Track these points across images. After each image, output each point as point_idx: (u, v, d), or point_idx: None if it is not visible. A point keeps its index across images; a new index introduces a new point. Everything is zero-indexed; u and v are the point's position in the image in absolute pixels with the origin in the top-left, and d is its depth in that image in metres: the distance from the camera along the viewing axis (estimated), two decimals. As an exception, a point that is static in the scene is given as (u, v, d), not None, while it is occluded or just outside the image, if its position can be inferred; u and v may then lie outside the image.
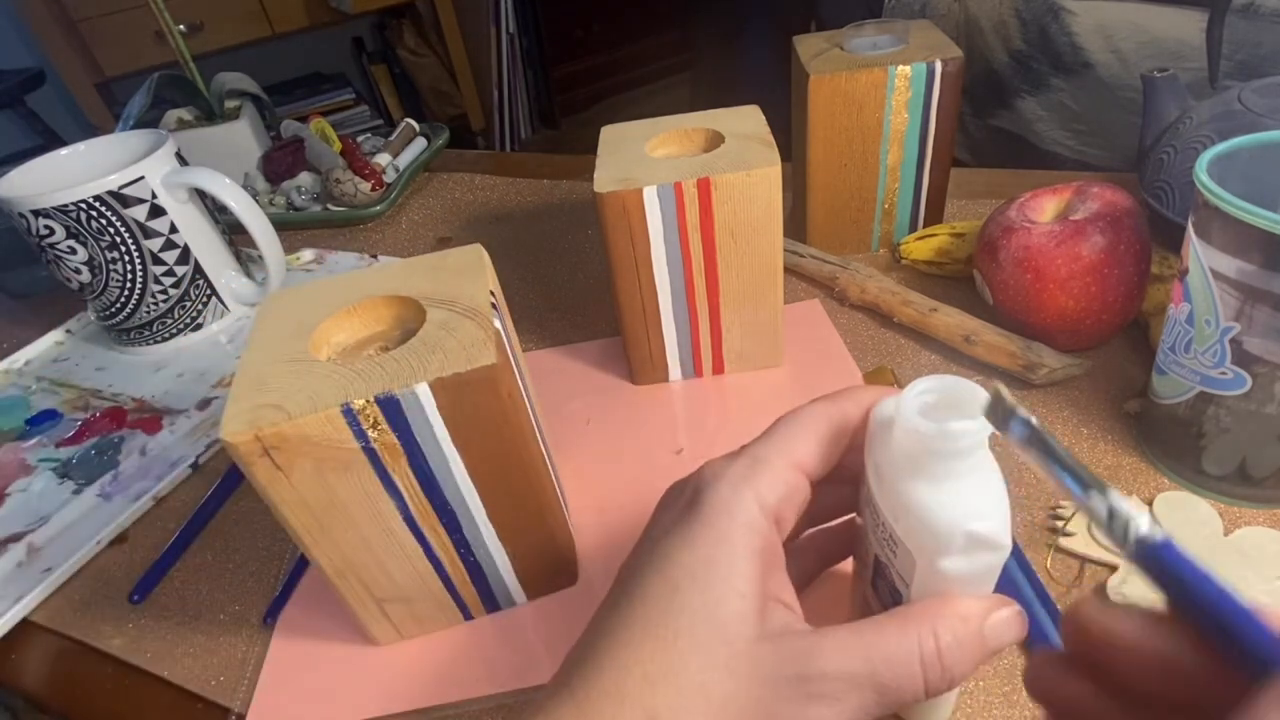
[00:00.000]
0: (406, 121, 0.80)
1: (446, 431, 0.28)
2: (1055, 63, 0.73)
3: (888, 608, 0.24)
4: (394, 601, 0.32)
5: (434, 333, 0.28)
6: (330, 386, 0.27)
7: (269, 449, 0.26)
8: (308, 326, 0.30)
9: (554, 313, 0.55)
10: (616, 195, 0.38)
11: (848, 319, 0.49)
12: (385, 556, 0.30)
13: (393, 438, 0.27)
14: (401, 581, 0.31)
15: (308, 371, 0.28)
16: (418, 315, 0.30)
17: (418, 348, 0.28)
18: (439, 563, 0.32)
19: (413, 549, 0.31)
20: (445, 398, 0.27)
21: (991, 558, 0.21)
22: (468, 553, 0.32)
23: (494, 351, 0.27)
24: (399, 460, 0.28)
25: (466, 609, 0.34)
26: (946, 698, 0.27)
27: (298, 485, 0.27)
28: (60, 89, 1.88)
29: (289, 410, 0.26)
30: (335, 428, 0.26)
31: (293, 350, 0.29)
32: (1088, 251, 0.39)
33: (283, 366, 0.28)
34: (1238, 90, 0.46)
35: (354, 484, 0.28)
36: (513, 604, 0.35)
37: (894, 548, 0.23)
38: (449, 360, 0.27)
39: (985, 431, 0.20)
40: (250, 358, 0.29)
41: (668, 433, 0.43)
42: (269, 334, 0.30)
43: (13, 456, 0.48)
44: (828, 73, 0.47)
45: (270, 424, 0.25)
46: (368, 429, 0.26)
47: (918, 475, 0.22)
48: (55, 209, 0.49)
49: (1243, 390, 0.31)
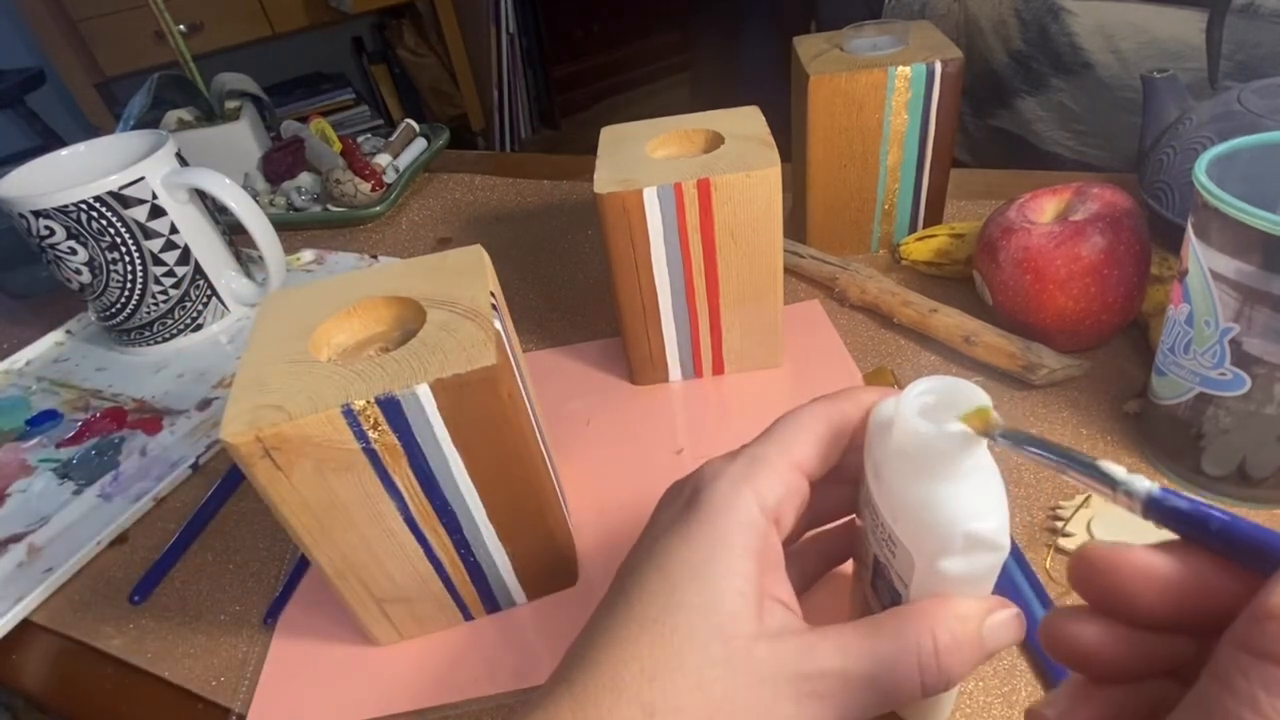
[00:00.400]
0: (406, 122, 0.80)
1: (447, 432, 0.28)
2: (1055, 63, 0.73)
3: (887, 608, 0.24)
4: (394, 602, 0.32)
5: (434, 334, 0.28)
6: (331, 387, 0.27)
7: (270, 450, 0.26)
8: (308, 327, 0.30)
9: (554, 313, 0.55)
10: (616, 196, 0.38)
11: (848, 319, 0.50)
12: (385, 557, 0.30)
13: (393, 438, 0.27)
14: (402, 582, 0.31)
15: (308, 372, 0.28)
16: (418, 316, 0.30)
17: (418, 349, 0.28)
18: (439, 563, 0.32)
19: (413, 550, 0.31)
20: (446, 398, 0.27)
21: (990, 558, 0.21)
22: (468, 553, 0.32)
23: (494, 352, 0.27)
24: (399, 461, 0.28)
25: (466, 609, 0.34)
26: (946, 697, 0.27)
27: (298, 486, 0.27)
28: (60, 89, 1.88)
29: (289, 411, 0.26)
30: (336, 428, 0.26)
31: (293, 351, 0.29)
32: (1087, 252, 0.39)
33: (283, 367, 0.28)
34: (1238, 91, 0.46)
35: (354, 484, 0.28)
36: (513, 604, 0.35)
37: (893, 548, 0.23)
38: (449, 361, 0.27)
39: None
40: (250, 358, 0.29)
41: (668, 433, 0.43)
42: (269, 334, 0.30)
43: (13, 457, 0.48)
44: (828, 73, 0.47)
45: (271, 425, 0.25)
46: (368, 430, 0.27)
47: (917, 476, 0.22)
48: (55, 209, 0.49)
49: (1242, 391, 0.31)
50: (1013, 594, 0.31)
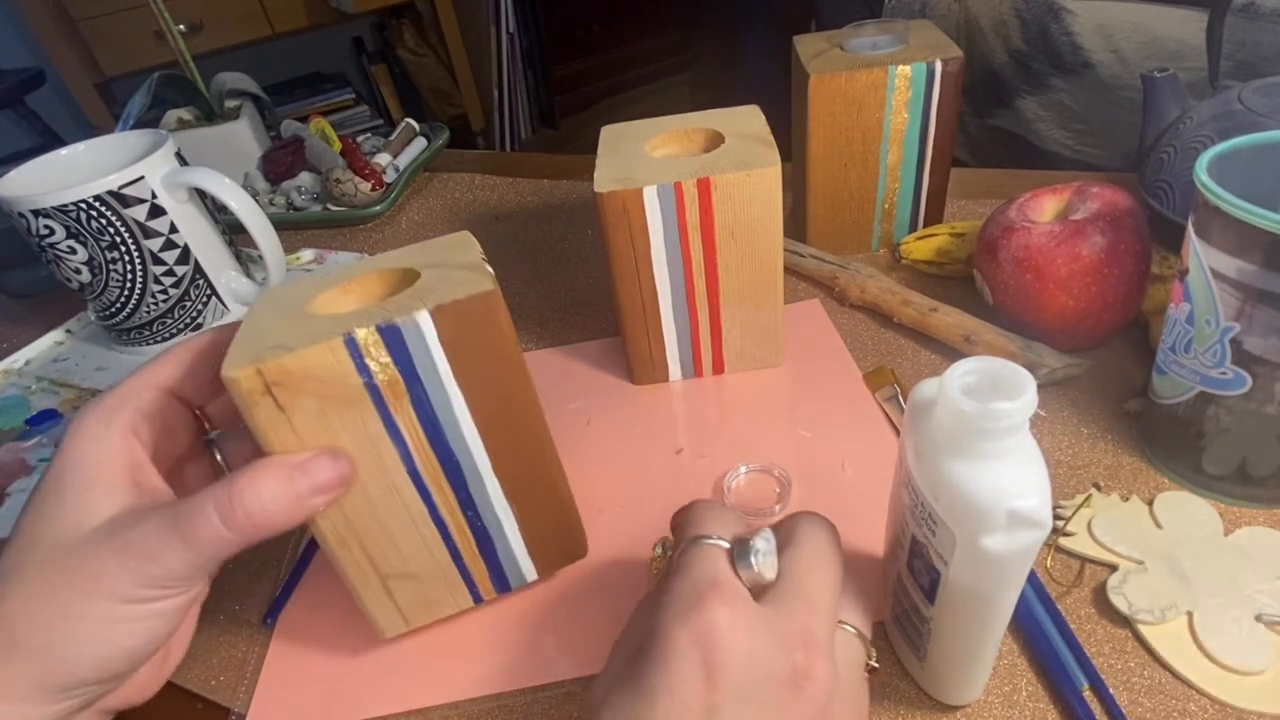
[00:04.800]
0: (406, 121, 0.80)
1: (448, 364, 0.28)
2: (1055, 62, 0.73)
3: (924, 587, 0.25)
4: (400, 578, 0.31)
5: (430, 281, 0.29)
6: (332, 326, 0.27)
7: (271, 385, 0.26)
8: (304, 300, 0.30)
9: (554, 313, 0.55)
10: (616, 195, 0.38)
11: (848, 319, 0.49)
12: (390, 519, 0.30)
13: (395, 372, 0.27)
14: (407, 552, 0.31)
15: (308, 320, 0.28)
16: (413, 279, 0.30)
17: (416, 292, 0.28)
18: (445, 528, 0.31)
19: (418, 510, 0.30)
20: (446, 326, 0.27)
21: (1032, 535, 0.22)
22: (474, 515, 0.31)
23: (491, 281, 0.28)
24: (401, 399, 0.28)
25: (475, 587, 0.33)
26: (970, 671, 0.27)
27: (299, 429, 0.27)
28: (60, 89, 1.88)
29: (289, 345, 0.26)
30: (338, 359, 0.26)
31: (291, 314, 0.29)
32: (1088, 251, 0.39)
33: (284, 322, 0.28)
34: (1238, 90, 0.46)
35: (356, 425, 0.27)
36: (523, 581, 0.34)
37: (933, 526, 0.23)
38: (447, 292, 0.28)
39: (1027, 411, 0.21)
40: (248, 324, 0.29)
41: (668, 433, 0.43)
42: (265, 311, 0.30)
43: (13, 456, 0.48)
44: (828, 73, 0.47)
45: (273, 359, 0.25)
46: (370, 362, 0.27)
47: (959, 454, 0.22)
48: (55, 209, 0.49)
49: (1243, 390, 0.31)
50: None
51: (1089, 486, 0.36)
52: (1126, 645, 0.30)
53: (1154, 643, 0.30)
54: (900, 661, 0.30)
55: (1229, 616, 0.30)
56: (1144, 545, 0.33)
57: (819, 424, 0.42)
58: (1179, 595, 0.31)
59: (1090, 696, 0.29)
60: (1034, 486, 0.22)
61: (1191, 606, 0.30)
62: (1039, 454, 0.22)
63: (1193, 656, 0.29)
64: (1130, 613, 0.30)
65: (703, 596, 0.22)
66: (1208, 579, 0.31)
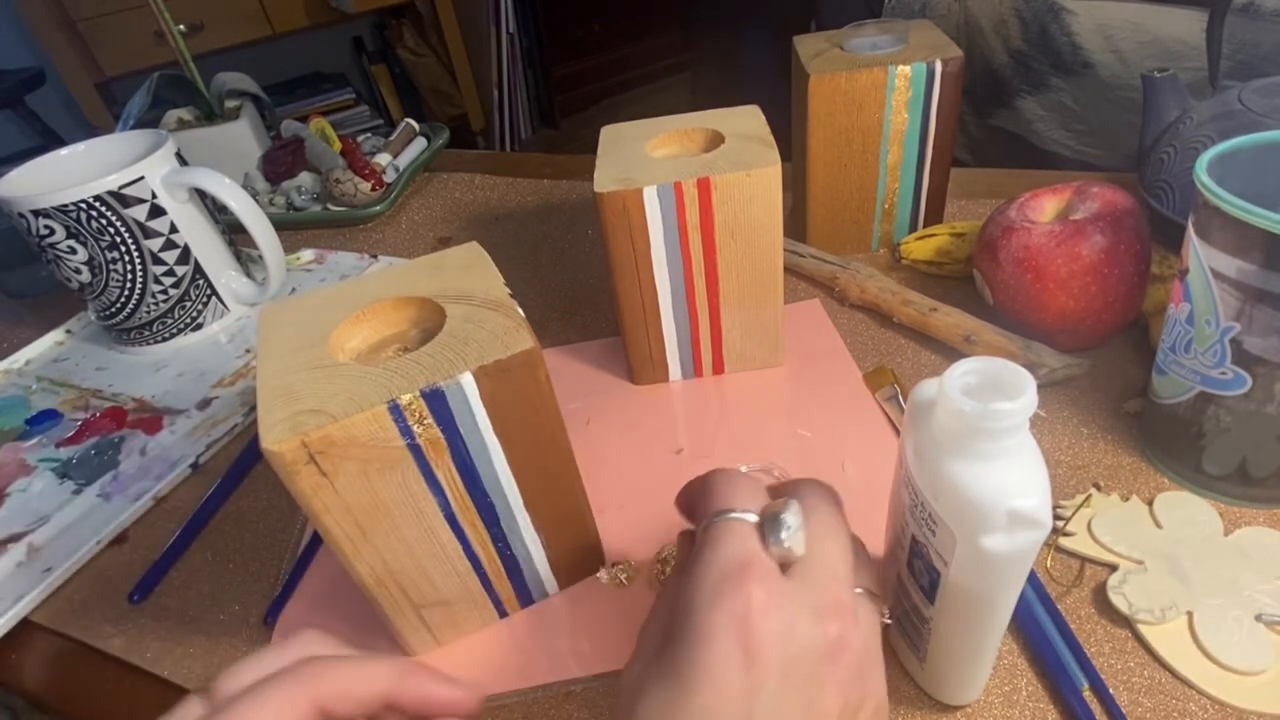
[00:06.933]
0: (406, 121, 0.80)
1: (489, 420, 0.28)
2: (1055, 63, 0.73)
3: (924, 587, 0.25)
4: (432, 606, 0.32)
5: (460, 327, 0.28)
6: (369, 386, 0.26)
7: (315, 455, 0.25)
8: (318, 334, 0.29)
9: (554, 313, 0.55)
10: (616, 195, 0.38)
11: (848, 319, 0.49)
12: (425, 558, 0.30)
13: (437, 431, 0.27)
14: (440, 584, 0.31)
15: (337, 375, 0.27)
16: (434, 314, 0.30)
17: (448, 342, 0.28)
18: (477, 560, 0.31)
19: (453, 549, 0.30)
20: (488, 385, 0.27)
21: (1032, 535, 0.22)
22: (504, 546, 0.32)
23: (529, 336, 0.27)
24: (442, 455, 0.28)
25: (501, 605, 0.34)
26: (970, 672, 0.27)
27: (342, 491, 0.26)
28: (60, 89, 1.88)
29: (333, 413, 0.25)
30: (382, 426, 0.26)
31: (311, 358, 0.28)
32: (1088, 251, 0.39)
33: (307, 374, 0.27)
34: (1238, 90, 0.46)
35: (398, 484, 0.27)
36: (545, 595, 0.35)
37: (933, 526, 0.23)
38: (486, 349, 0.27)
39: (1027, 411, 0.21)
40: (267, 369, 0.28)
41: (668, 433, 0.43)
42: (278, 346, 0.29)
43: (13, 456, 0.48)
44: (828, 73, 0.47)
45: (316, 428, 0.25)
46: (413, 424, 0.26)
47: (960, 454, 0.22)
48: (55, 209, 0.49)
49: (1243, 390, 0.31)
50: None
51: (1089, 486, 0.36)
52: (1126, 645, 0.30)
53: (1154, 643, 0.30)
54: (900, 661, 0.30)
55: (1229, 616, 0.30)
56: (1144, 545, 0.33)
57: (819, 424, 0.42)
58: (1179, 595, 0.31)
59: (1090, 696, 0.29)
60: (1034, 486, 0.22)
61: (1191, 606, 0.30)
62: (1039, 454, 0.22)
63: (1193, 656, 0.29)
64: (1130, 613, 0.30)
65: (736, 576, 0.22)
66: (1208, 579, 0.31)
